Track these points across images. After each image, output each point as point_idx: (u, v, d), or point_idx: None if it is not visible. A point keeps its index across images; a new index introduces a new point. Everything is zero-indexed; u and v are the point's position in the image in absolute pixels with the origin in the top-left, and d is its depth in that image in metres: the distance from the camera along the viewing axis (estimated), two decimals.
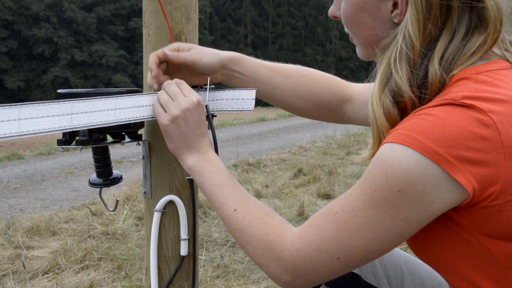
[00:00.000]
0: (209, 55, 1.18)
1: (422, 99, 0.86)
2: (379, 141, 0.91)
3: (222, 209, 1.02)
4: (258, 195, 4.49)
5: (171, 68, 1.20)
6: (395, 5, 0.91)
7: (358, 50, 1.05)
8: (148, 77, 1.16)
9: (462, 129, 0.76)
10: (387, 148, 0.80)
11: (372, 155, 0.94)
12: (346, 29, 1.02)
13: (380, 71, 0.90)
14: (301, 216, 3.80)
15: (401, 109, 0.87)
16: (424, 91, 0.86)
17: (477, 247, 0.83)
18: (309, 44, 50.82)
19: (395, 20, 0.91)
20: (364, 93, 1.32)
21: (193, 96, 1.09)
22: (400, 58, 0.87)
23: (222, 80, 1.25)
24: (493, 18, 0.86)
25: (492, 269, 0.84)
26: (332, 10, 1.05)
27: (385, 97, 0.87)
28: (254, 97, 1.21)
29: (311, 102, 1.33)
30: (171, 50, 1.16)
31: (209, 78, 1.23)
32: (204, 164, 1.07)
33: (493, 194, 0.78)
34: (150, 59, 1.14)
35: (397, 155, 0.78)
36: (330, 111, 1.36)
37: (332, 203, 0.88)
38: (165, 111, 1.09)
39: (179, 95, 1.09)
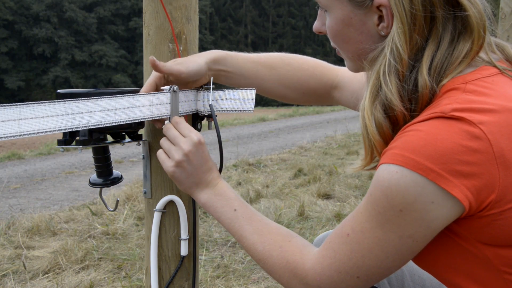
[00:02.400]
0: (192, 63, 1.17)
1: (413, 110, 0.86)
2: (371, 154, 0.93)
3: (242, 241, 1.04)
4: (258, 195, 4.49)
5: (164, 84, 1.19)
6: (380, 18, 0.90)
7: (347, 64, 1.04)
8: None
9: (453, 143, 0.77)
10: (383, 170, 0.81)
11: (364, 166, 0.96)
12: (332, 44, 1.02)
13: (369, 84, 0.90)
14: (301, 216, 3.80)
15: (392, 122, 0.88)
16: (414, 103, 0.86)
17: (475, 254, 0.84)
18: (309, 44, 50.78)
19: (382, 33, 0.91)
20: (353, 81, 1.32)
21: (193, 135, 1.09)
22: (389, 72, 0.87)
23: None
24: (476, 25, 0.86)
25: (489, 274, 0.85)
26: (316, 26, 1.04)
27: (376, 111, 0.88)
28: (254, 97, 1.21)
29: (298, 91, 1.34)
30: (157, 80, 1.17)
31: (211, 77, 1.23)
32: (216, 199, 1.09)
33: (489, 204, 0.79)
34: (146, 88, 1.15)
35: (393, 176, 0.79)
36: (319, 97, 1.37)
37: (343, 224, 0.91)
38: (169, 157, 1.10)
39: (179, 139, 1.09)
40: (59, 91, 1.14)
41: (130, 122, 1.10)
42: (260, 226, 1.03)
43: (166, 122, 1.15)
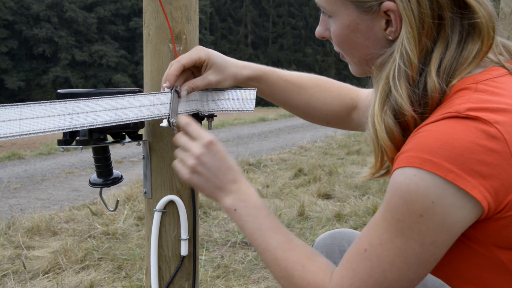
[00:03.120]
0: (227, 80, 1.19)
1: (423, 113, 0.85)
2: (381, 160, 0.91)
3: (264, 255, 0.99)
4: (259, 195, 4.48)
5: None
6: (388, 23, 0.89)
7: (351, 68, 1.03)
8: (164, 78, 1.14)
9: (470, 143, 0.75)
10: (400, 174, 0.79)
11: (374, 173, 0.95)
12: (336, 48, 1.01)
13: (379, 89, 0.89)
14: (302, 216, 3.80)
15: (403, 127, 0.86)
16: (424, 106, 0.85)
17: (487, 257, 0.83)
18: (310, 44, 50.75)
19: (390, 37, 0.90)
20: (367, 100, 1.32)
21: (203, 137, 1.03)
22: (399, 76, 0.86)
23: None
24: (485, 26, 0.85)
25: (500, 279, 0.84)
26: (319, 31, 1.02)
27: (386, 117, 0.86)
28: (254, 97, 1.21)
29: (322, 112, 1.35)
30: (197, 60, 1.15)
31: None
32: (241, 206, 1.03)
33: (507, 205, 0.77)
34: (173, 68, 1.12)
35: (411, 179, 0.77)
36: (340, 120, 1.37)
37: (359, 239, 0.87)
38: (183, 166, 1.05)
39: (189, 144, 1.04)
40: (59, 91, 1.14)
41: (130, 122, 1.10)
42: (284, 241, 0.98)
43: (177, 133, 1.09)
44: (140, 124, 1.21)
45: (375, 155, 0.92)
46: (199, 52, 1.16)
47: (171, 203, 1.25)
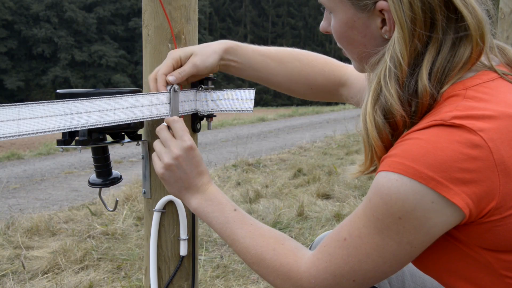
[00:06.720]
0: (209, 57, 1.18)
1: (412, 115, 0.86)
2: (371, 158, 0.92)
3: (234, 246, 1.03)
4: (258, 195, 4.49)
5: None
6: (383, 21, 0.90)
7: (353, 64, 1.05)
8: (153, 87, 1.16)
9: (453, 151, 0.77)
10: (383, 177, 0.81)
11: (363, 171, 0.96)
12: (338, 44, 1.02)
13: (371, 88, 0.90)
14: (301, 216, 3.79)
15: (392, 127, 0.88)
16: (415, 106, 0.86)
17: (476, 258, 0.85)
18: (309, 44, 50.75)
19: (386, 36, 0.91)
20: (361, 79, 1.31)
21: (186, 139, 1.07)
22: (390, 77, 0.87)
23: (220, 69, 1.25)
24: (473, 35, 0.85)
25: (491, 278, 0.85)
26: (323, 26, 1.04)
27: (377, 115, 0.88)
28: (253, 97, 1.21)
29: (306, 86, 1.34)
30: (174, 62, 1.16)
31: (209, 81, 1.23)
32: (207, 204, 1.07)
33: (490, 211, 0.79)
34: (159, 80, 1.14)
35: (393, 184, 0.79)
36: (327, 93, 1.37)
37: (340, 228, 0.90)
38: (159, 159, 1.09)
39: (170, 142, 1.07)
40: (58, 91, 1.14)
41: (129, 122, 1.10)
42: (252, 229, 1.02)
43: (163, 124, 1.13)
44: (139, 124, 1.21)
45: (365, 153, 0.93)
46: (171, 54, 1.17)
47: (170, 203, 1.25)
